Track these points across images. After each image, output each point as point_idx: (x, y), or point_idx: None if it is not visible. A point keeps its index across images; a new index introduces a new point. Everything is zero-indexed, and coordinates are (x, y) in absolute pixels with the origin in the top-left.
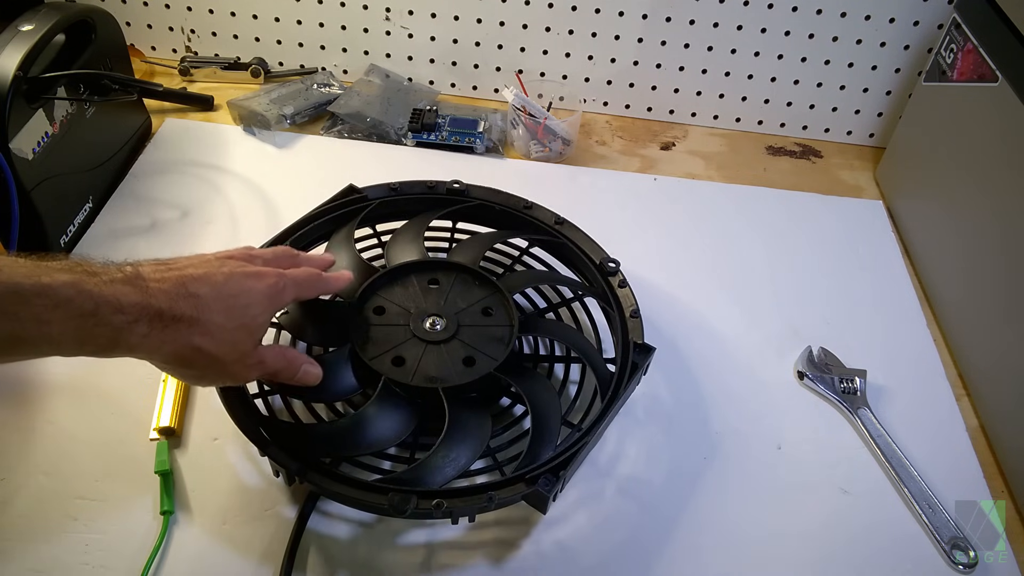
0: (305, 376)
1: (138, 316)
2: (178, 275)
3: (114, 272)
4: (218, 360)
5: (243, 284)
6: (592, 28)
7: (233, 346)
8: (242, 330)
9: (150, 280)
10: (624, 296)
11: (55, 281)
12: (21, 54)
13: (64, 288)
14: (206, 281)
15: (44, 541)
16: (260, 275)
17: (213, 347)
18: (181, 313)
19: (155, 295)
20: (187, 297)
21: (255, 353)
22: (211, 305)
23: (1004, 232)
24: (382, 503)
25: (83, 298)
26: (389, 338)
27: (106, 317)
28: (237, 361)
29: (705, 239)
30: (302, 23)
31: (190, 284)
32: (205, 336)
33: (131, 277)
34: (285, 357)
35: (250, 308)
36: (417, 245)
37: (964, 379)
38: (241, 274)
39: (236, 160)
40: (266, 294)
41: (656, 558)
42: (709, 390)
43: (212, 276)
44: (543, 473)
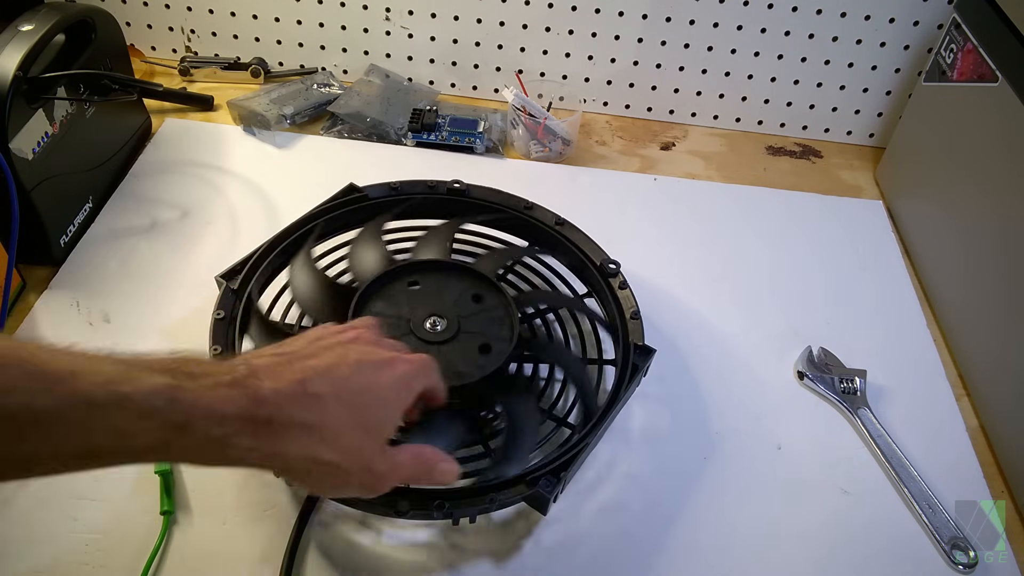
0: (443, 476)
1: (241, 428)
2: (298, 374)
3: (223, 374)
4: (340, 469)
5: (370, 378)
6: (592, 28)
7: (358, 453)
8: (366, 435)
9: (264, 381)
10: (624, 297)
11: (140, 389)
12: (21, 54)
13: (151, 397)
14: (329, 377)
15: (44, 541)
16: (390, 363)
17: (333, 456)
18: (299, 419)
19: (266, 401)
20: (306, 398)
21: (385, 459)
22: (332, 408)
23: (1004, 232)
24: (382, 504)
25: (173, 408)
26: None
27: (202, 429)
28: (364, 470)
29: (705, 239)
30: (302, 23)
31: (310, 383)
32: (324, 444)
33: (240, 379)
34: (418, 457)
35: (377, 408)
36: (443, 245)
37: (964, 379)
38: (369, 363)
39: (236, 160)
40: (395, 387)
41: (656, 558)
42: (709, 390)
43: (336, 369)
44: (544, 474)
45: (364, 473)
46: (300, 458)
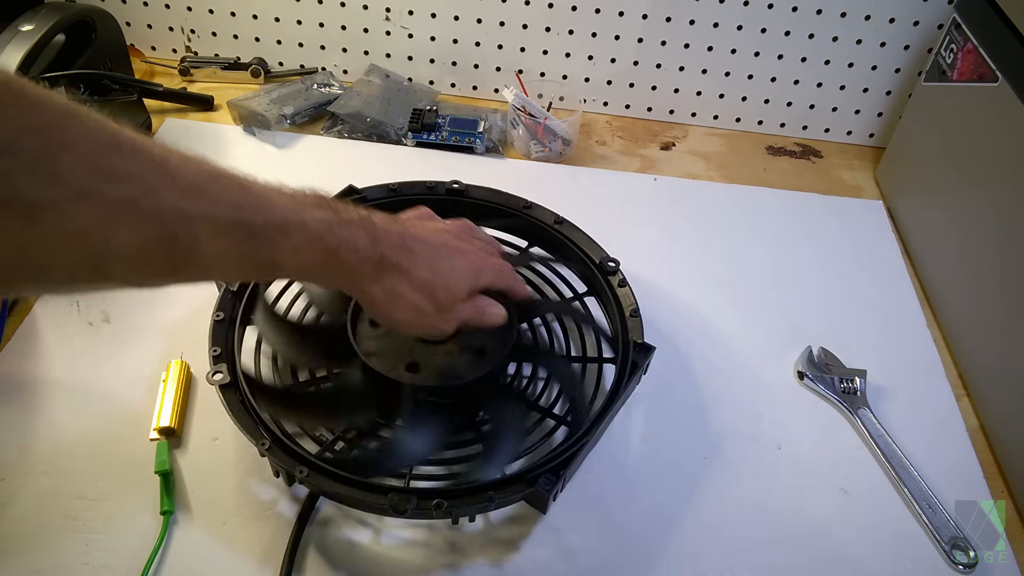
0: (492, 318)
1: (367, 258)
2: (401, 230)
3: (353, 213)
4: (417, 309)
5: (452, 255)
6: (592, 28)
7: (433, 301)
8: (443, 290)
9: (380, 228)
10: (624, 295)
11: (312, 217)
12: (21, 54)
13: (317, 224)
14: (422, 241)
15: (44, 541)
16: (467, 252)
17: (415, 298)
18: (397, 262)
19: (382, 242)
20: (404, 250)
21: (454, 309)
22: (421, 262)
23: (1004, 232)
24: (382, 503)
25: (330, 235)
26: (393, 348)
27: (344, 254)
28: (435, 313)
29: (705, 239)
30: (302, 23)
31: (409, 240)
32: (410, 286)
33: (364, 220)
34: (474, 305)
35: (452, 274)
36: None
37: (964, 379)
38: (452, 246)
39: (236, 160)
40: (468, 268)
41: (656, 558)
42: (709, 390)
43: (428, 239)
44: (543, 473)
45: (436, 315)
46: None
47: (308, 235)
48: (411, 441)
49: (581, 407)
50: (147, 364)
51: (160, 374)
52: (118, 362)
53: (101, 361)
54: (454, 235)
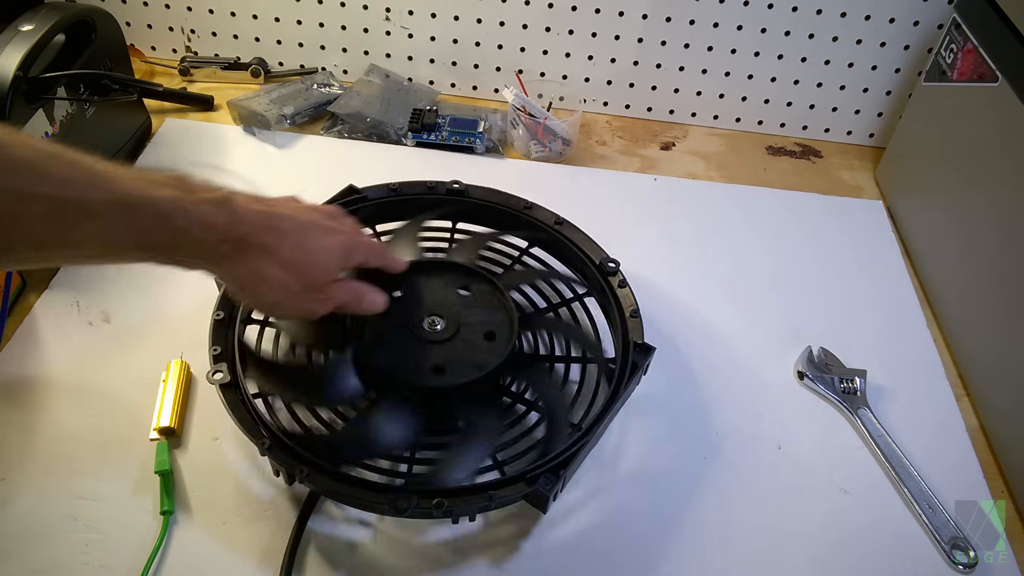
0: (370, 305)
1: (224, 237)
2: (266, 209)
3: (211, 192)
4: (286, 288)
5: (321, 233)
6: (592, 28)
7: (301, 279)
8: (312, 267)
9: (241, 207)
10: (624, 296)
11: (160, 195)
12: (21, 54)
13: (166, 203)
14: (291, 220)
15: (44, 541)
16: (338, 231)
17: (282, 276)
18: (261, 241)
19: (242, 220)
20: (269, 228)
21: (324, 288)
22: (288, 240)
23: (1004, 232)
24: (382, 503)
25: (179, 214)
26: (391, 339)
27: (197, 233)
28: (304, 292)
29: (705, 239)
30: (302, 23)
31: (275, 219)
32: (276, 266)
33: (223, 199)
34: (350, 289)
35: (322, 252)
36: (413, 246)
37: (964, 379)
38: (322, 226)
39: (236, 160)
40: (340, 247)
41: (656, 557)
42: (709, 390)
43: (297, 218)
44: (543, 472)
45: (305, 294)
46: (256, 271)
47: (155, 213)
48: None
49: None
50: (147, 364)
51: (160, 374)
52: (118, 362)
53: (101, 361)
54: (324, 215)
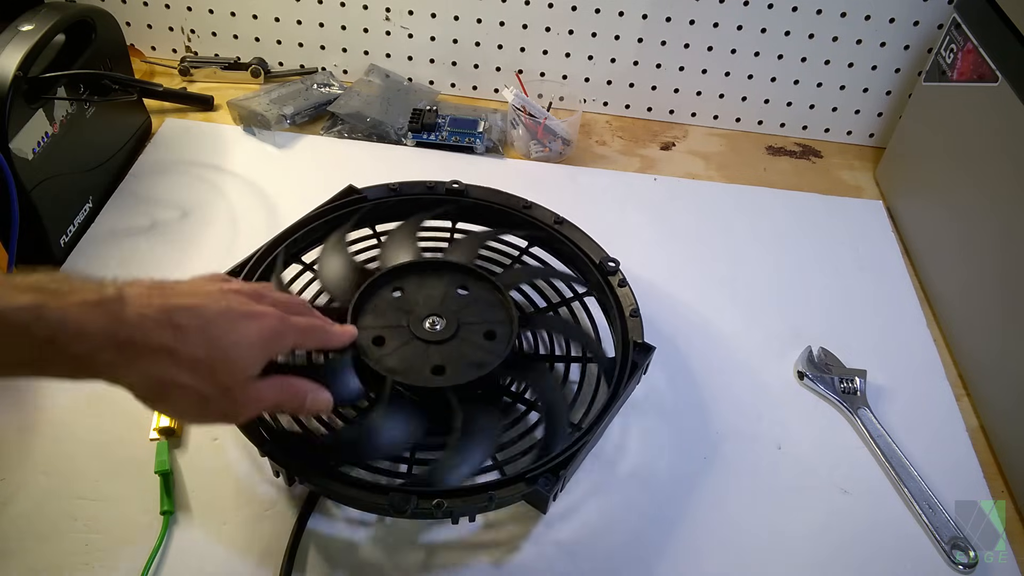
0: (314, 405)
1: (103, 344)
2: (164, 302)
3: (89, 292)
4: (196, 393)
5: (236, 323)
6: (592, 28)
7: (214, 380)
8: (225, 364)
9: (130, 304)
10: (624, 295)
11: (8, 306)
12: (21, 54)
13: (19, 313)
14: (195, 313)
15: (44, 541)
16: (259, 315)
17: (188, 380)
18: (157, 343)
19: (128, 322)
20: (168, 327)
21: (247, 389)
22: (193, 338)
23: (1004, 232)
24: (382, 503)
25: (39, 325)
26: (388, 319)
27: (65, 345)
28: (222, 396)
29: (705, 239)
30: (302, 23)
31: (175, 313)
32: (179, 368)
33: (105, 300)
34: (285, 388)
35: (239, 347)
36: (411, 246)
37: (964, 379)
38: (238, 312)
39: (236, 160)
40: (261, 336)
41: (656, 558)
42: (709, 390)
43: (204, 308)
44: (543, 473)
45: (224, 398)
46: (158, 378)
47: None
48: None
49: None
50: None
51: None
52: None
53: None
54: (243, 298)
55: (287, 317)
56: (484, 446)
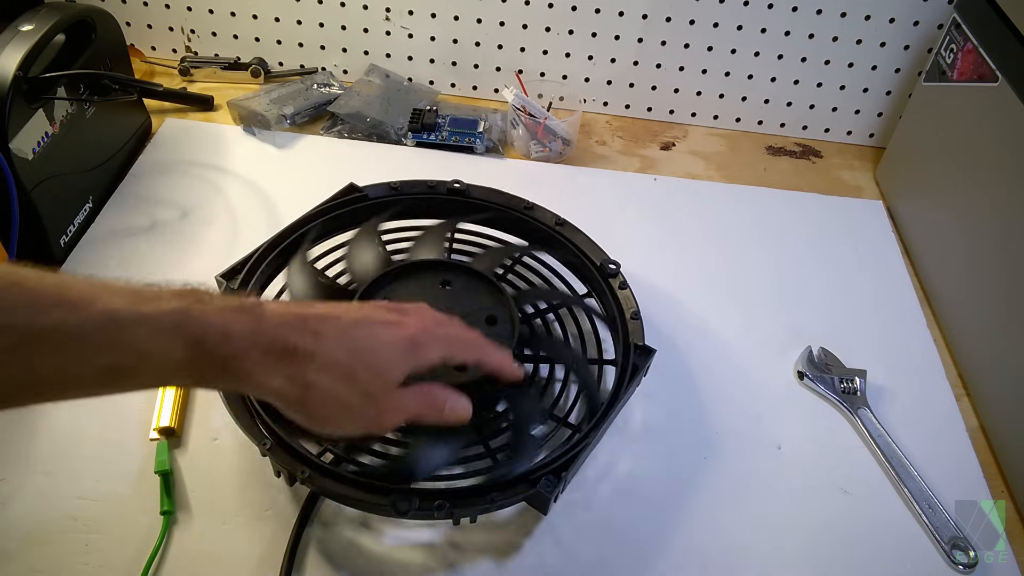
0: (453, 413)
1: (248, 346)
2: (302, 311)
3: (230, 300)
4: (338, 400)
5: (374, 330)
6: (592, 28)
7: (357, 386)
8: (368, 371)
9: (268, 310)
10: (625, 298)
11: (159, 309)
12: (21, 54)
13: (169, 315)
14: (331, 320)
15: (44, 541)
16: (399, 325)
17: (329, 384)
18: (296, 345)
19: (271, 324)
20: (306, 331)
21: (390, 397)
22: (332, 342)
23: (1004, 232)
24: (383, 503)
25: (188, 326)
26: None
27: (213, 345)
28: (365, 403)
29: (705, 239)
30: (302, 23)
31: (312, 320)
32: (322, 372)
33: (247, 306)
34: (427, 396)
35: (379, 353)
36: (438, 246)
37: (964, 379)
38: (377, 320)
39: (236, 160)
40: (400, 344)
41: (656, 558)
42: (709, 390)
43: (340, 317)
44: (544, 474)
45: (367, 406)
46: (297, 380)
47: (154, 329)
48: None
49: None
50: None
51: None
52: None
53: None
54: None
55: (432, 327)
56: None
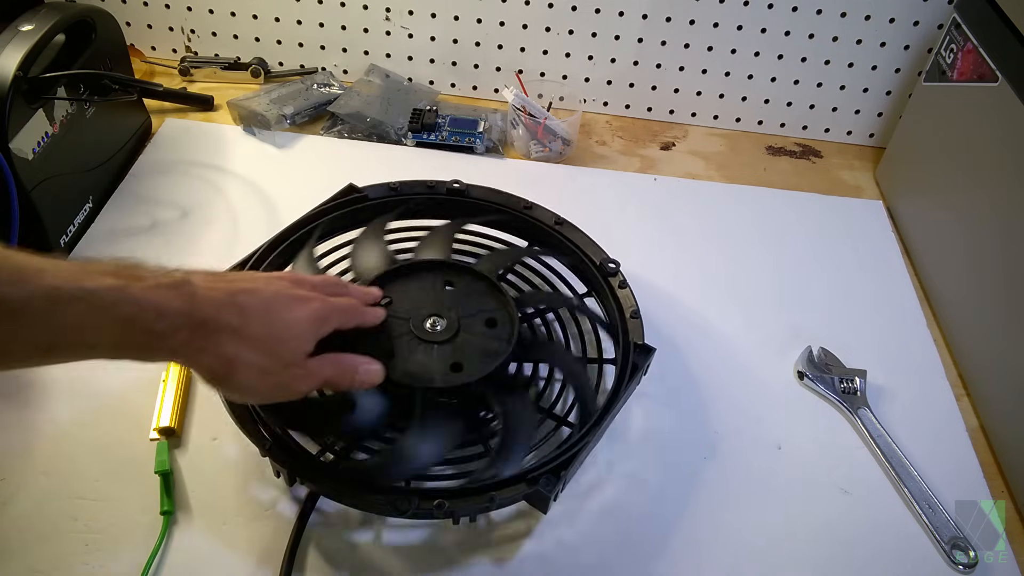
0: (366, 376)
1: (181, 324)
2: (228, 286)
3: (161, 277)
4: (259, 369)
5: (288, 304)
6: (592, 28)
7: (274, 356)
8: (283, 343)
9: (199, 287)
10: (624, 297)
11: (98, 285)
12: (21, 54)
13: (107, 292)
14: (254, 294)
15: (44, 541)
16: (305, 299)
17: (252, 357)
18: (225, 322)
19: (201, 303)
20: (233, 307)
21: (304, 364)
22: (255, 316)
23: (1004, 232)
24: (383, 503)
25: (125, 303)
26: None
27: (147, 323)
28: (281, 371)
29: (705, 239)
30: (302, 23)
31: (238, 295)
32: (244, 345)
33: (179, 283)
34: (337, 363)
35: (293, 324)
36: (444, 246)
37: (964, 379)
38: (288, 295)
39: (236, 160)
40: (309, 317)
41: (656, 558)
42: (709, 390)
43: (260, 291)
44: (544, 473)
45: (283, 372)
46: (224, 355)
47: (91, 305)
48: (423, 446)
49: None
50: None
51: (160, 374)
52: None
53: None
54: (289, 283)
55: (329, 300)
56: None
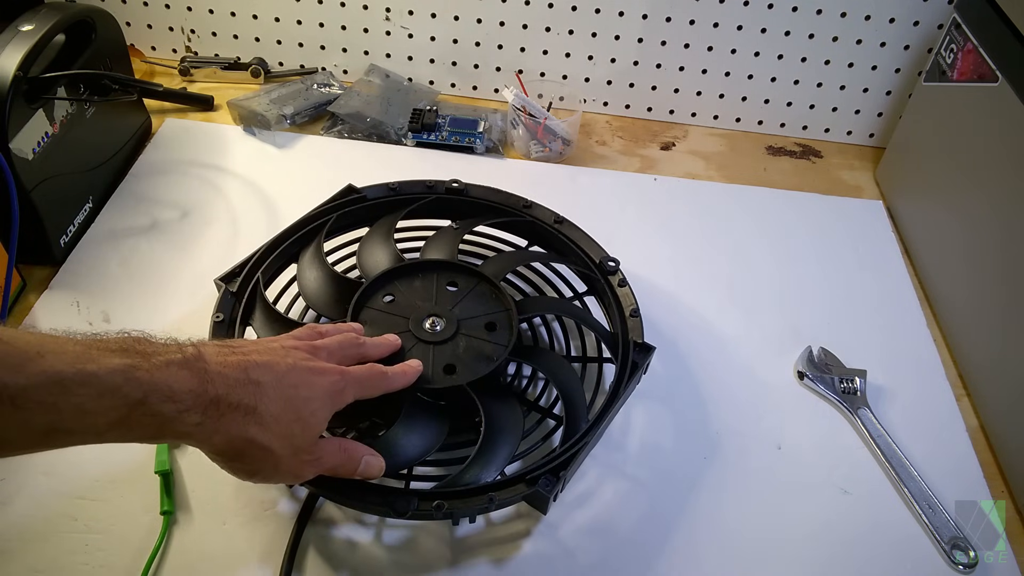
0: (367, 469)
1: (192, 405)
2: (241, 360)
3: (173, 353)
4: (272, 454)
5: (305, 377)
6: (592, 28)
7: (288, 440)
8: (299, 424)
9: (211, 363)
10: (624, 295)
11: (102, 368)
12: (21, 54)
13: (112, 375)
14: (269, 369)
15: (44, 541)
16: (323, 371)
17: (267, 439)
18: (239, 401)
19: (214, 380)
20: (247, 384)
21: (314, 450)
22: (270, 394)
23: (1004, 231)
24: (382, 504)
25: (132, 386)
26: (388, 327)
27: (155, 406)
28: (292, 456)
29: (705, 239)
30: (302, 23)
31: (252, 370)
32: (260, 427)
33: (190, 359)
34: (344, 451)
35: (310, 402)
36: (451, 246)
37: (964, 379)
38: (305, 368)
39: (236, 160)
40: (327, 391)
41: (656, 558)
42: (709, 390)
43: (275, 364)
44: (543, 474)
45: (293, 458)
46: (238, 437)
47: (97, 389)
48: (406, 443)
49: (579, 407)
50: None
51: None
52: None
53: None
54: (304, 351)
55: (347, 371)
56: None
